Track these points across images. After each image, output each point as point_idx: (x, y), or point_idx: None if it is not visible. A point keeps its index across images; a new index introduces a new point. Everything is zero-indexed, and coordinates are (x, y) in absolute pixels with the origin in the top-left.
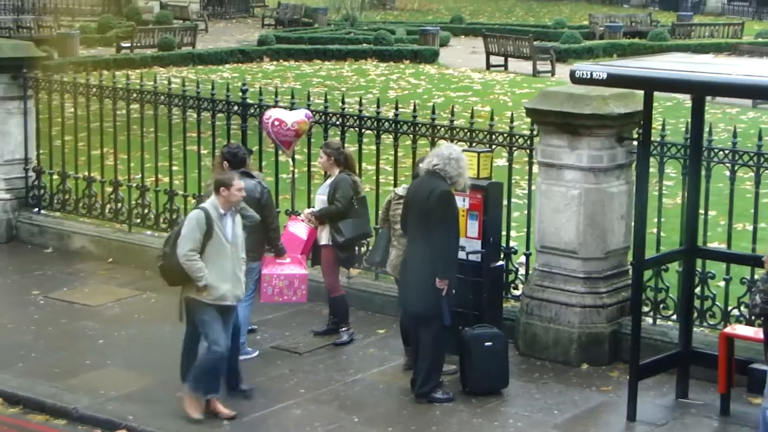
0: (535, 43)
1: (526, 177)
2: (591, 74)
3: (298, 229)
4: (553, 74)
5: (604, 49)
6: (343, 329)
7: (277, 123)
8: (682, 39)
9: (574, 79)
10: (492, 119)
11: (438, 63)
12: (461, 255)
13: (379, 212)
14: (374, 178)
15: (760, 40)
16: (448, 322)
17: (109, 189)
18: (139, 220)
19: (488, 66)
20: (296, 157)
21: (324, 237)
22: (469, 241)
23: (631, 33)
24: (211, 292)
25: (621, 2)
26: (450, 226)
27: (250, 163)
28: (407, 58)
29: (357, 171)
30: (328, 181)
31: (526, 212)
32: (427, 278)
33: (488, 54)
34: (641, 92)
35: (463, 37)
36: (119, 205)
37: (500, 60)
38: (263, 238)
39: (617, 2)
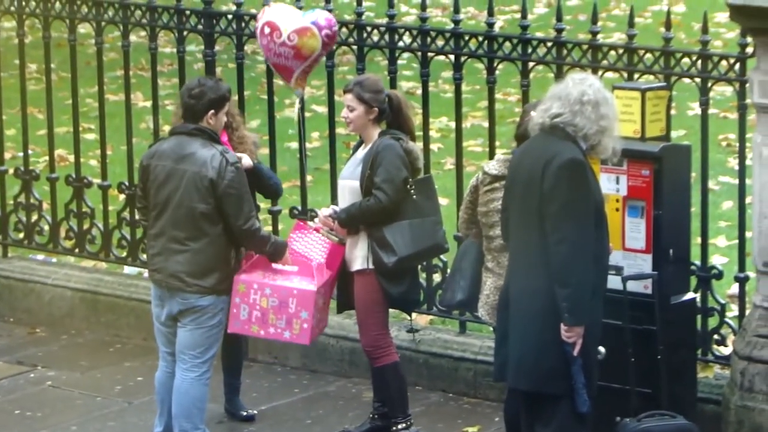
0: None
1: (737, 135)
2: None
3: (309, 245)
4: None
5: None
6: (400, 426)
7: (268, 30)
8: None
9: None
10: (668, 29)
11: None
12: (613, 281)
13: (460, 209)
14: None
15: None
16: (585, 406)
17: None
18: (21, 235)
19: None
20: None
21: (358, 257)
22: (630, 256)
23: None
24: None
25: None
26: (585, 225)
27: (223, 111)
28: None
29: (414, 132)
30: (361, 152)
31: (736, 202)
32: (546, 325)
33: None
34: None
35: None
36: None
37: None
38: (228, 250)
39: None
